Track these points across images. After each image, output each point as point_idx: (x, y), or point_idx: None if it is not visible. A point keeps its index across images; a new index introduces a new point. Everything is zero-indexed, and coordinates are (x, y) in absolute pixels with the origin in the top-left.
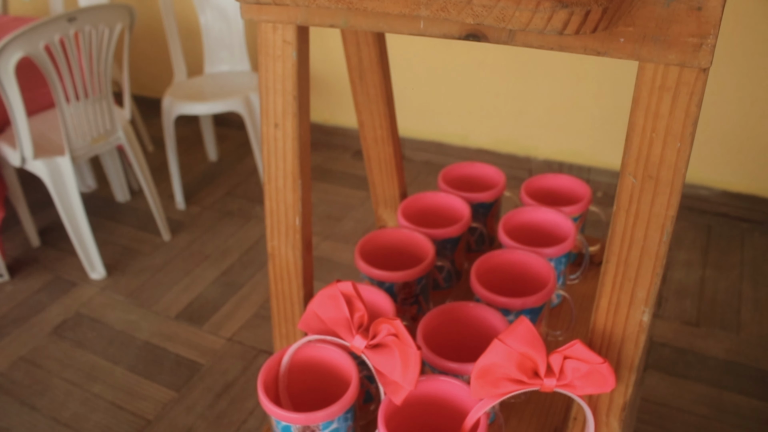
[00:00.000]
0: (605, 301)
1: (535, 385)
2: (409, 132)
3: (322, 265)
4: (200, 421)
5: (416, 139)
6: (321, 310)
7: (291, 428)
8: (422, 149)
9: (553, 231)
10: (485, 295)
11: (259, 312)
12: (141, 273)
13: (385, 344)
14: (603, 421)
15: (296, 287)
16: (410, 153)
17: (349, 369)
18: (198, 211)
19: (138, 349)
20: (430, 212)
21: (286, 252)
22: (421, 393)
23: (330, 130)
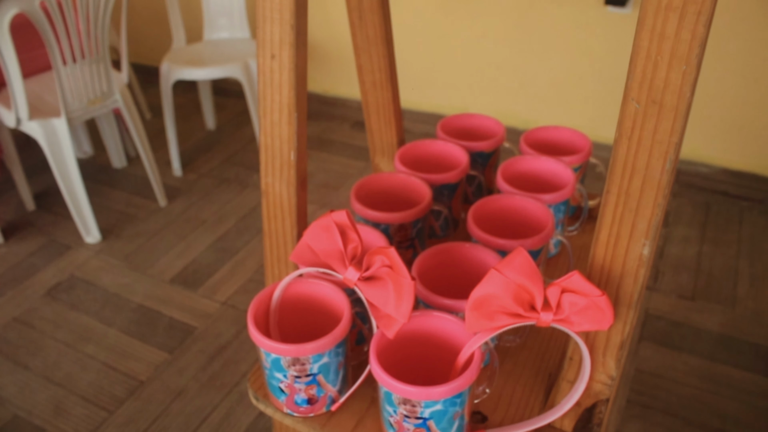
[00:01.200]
0: (605, 234)
1: (531, 319)
2: (408, 103)
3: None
4: (193, 383)
5: (415, 111)
6: (314, 241)
7: (281, 361)
8: (421, 121)
9: (553, 180)
10: (482, 237)
11: (253, 277)
12: (136, 237)
13: (379, 276)
14: (599, 360)
15: (289, 225)
16: (409, 125)
17: (342, 303)
18: (195, 178)
19: (132, 311)
20: (427, 159)
21: (280, 189)
22: (414, 328)
23: (329, 101)
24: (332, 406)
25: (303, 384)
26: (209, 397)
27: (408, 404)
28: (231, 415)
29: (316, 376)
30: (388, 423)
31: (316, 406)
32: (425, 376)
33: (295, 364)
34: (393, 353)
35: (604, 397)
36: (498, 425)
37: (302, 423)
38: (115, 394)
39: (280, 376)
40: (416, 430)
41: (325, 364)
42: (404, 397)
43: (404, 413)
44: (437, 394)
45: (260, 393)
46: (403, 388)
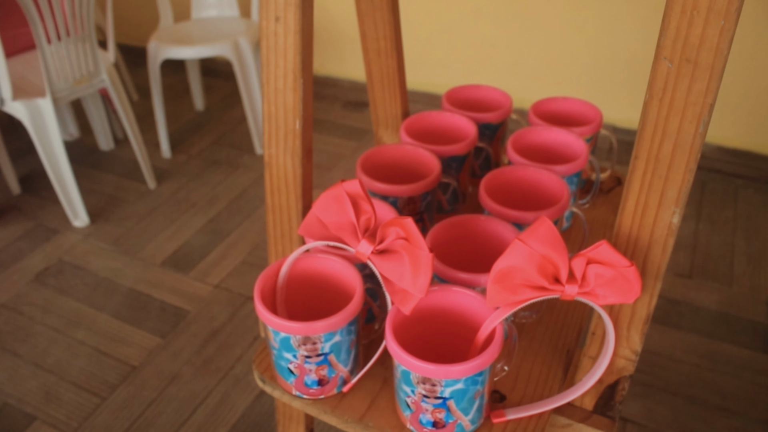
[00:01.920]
0: (632, 203)
1: (555, 292)
2: None
3: None
4: (186, 367)
5: (409, 90)
6: (324, 213)
7: (290, 340)
8: (414, 100)
9: (565, 151)
10: (496, 209)
11: (246, 259)
12: (125, 221)
13: (394, 249)
14: (623, 335)
15: (294, 199)
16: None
17: (353, 279)
18: (184, 160)
19: (122, 296)
20: (434, 131)
21: (284, 160)
22: (431, 304)
23: (321, 81)
24: (344, 387)
25: (314, 364)
26: (204, 382)
27: (427, 384)
28: (227, 399)
29: (327, 356)
30: (404, 404)
31: (327, 387)
32: (442, 353)
33: (306, 344)
34: (408, 330)
35: (628, 373)
36: (517, 404)
37: (312, 405)
38: (108, 380)
39: (290, 356)
40: (436, 410)
41: (337, 343)
42: (424, 376)
43: (423, 393)
44: (459, 372)
45: (267, 375)
46: (424, 366)
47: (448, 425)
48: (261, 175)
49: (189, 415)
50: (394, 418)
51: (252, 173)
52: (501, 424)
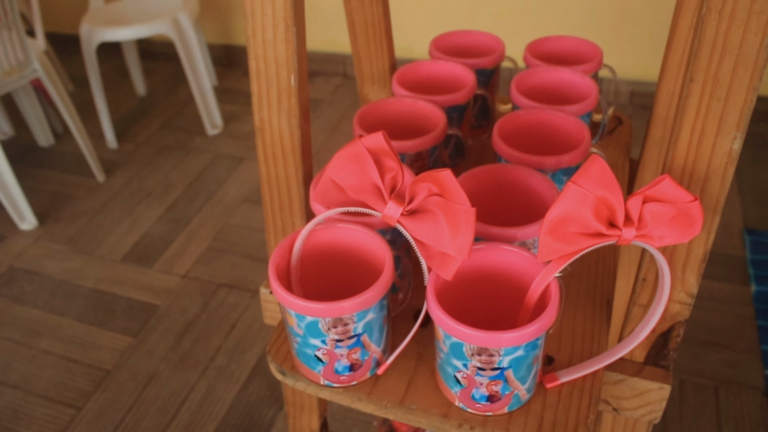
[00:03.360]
0: (687, 131)
1: (611, 238)
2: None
3: None
4: (164, 365)
5: None
6: (340, 175)
7: (318, 324)
8: None
9: (571, 91)
10: (514, 156)
11: (212, 245)
12: (77, 218)
13: (426, 208)
14: (678, 277)
15: (293, 166)
16: (352, 71)
17: (379, 247)
18: (132, 148)
19: (85, 297)
20: (428, 82)
21: (279, 123)
22: (472, 265)
23: None
24: (378, 369)
25: (345, 348)
26: (184, 378)
27: (484, 354)
28: (211, 394)
29: (360, 337)
30: (453, 380)
31: (359, 371)
32: (486, 319)
33: (337, 326)
34: (446, 297)
35: (683, 318)
36: (566, 365)
37: (343, 394)
38: (81, 388)
39: (317, 342)
40: (492, 383)
41: (370, 322)
42: (481, 346)
43: (478, 366)
44: (520, 338)
45: (286, 366)
46: (482, 336)
47: (504, 397)
48: (216, 157)
49: (173, 415)
50: (438, 396)
51: (206, 155)
52: (555, 389)
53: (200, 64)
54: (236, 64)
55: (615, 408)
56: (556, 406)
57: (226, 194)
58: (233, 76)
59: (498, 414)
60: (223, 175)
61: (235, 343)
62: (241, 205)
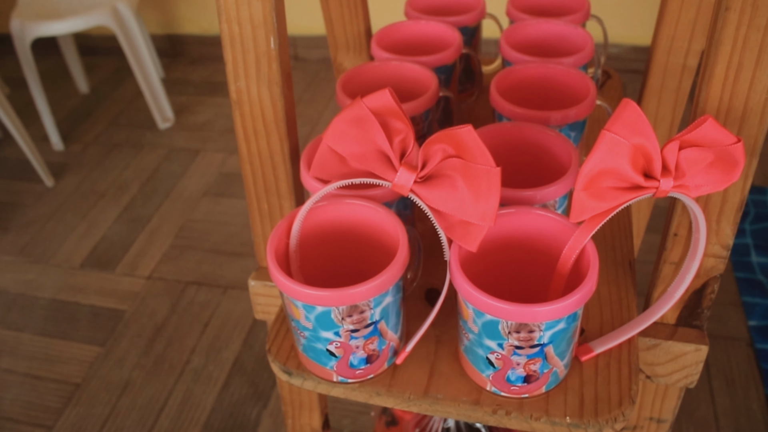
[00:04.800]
0: (722, 66)
1: (648, 191)
2: (299, 29)
3: (234, 181)
4: (137, 372)
5: (308, 36)
6: (341, 143)
7: (331, 314)
8: (317, 46)
9: (563, 43)
10: (517, 113)
11: (175, 242)
12: (28, 227)
13: (442, 173)
14: (712, 229)
15: (278, 141)
16: (303, 52)
17: (388, 222)
18: (80, 149)
19: (44, 309)
20: (410, 43)
21: (258, 93)
22: (497, 233)
23: (211, 41)
24: (396, 358)
25: (361, 339)
26: (160, 384)
27: (523, 331)
28: (190, 398)
29: (377, 325)
30: (484, 362)
31: (377, 363)
32: (514, 293)
33: (352, 314)
34: (469, 270)
35: (717, 273)
36: (598, 335)
37: (360, 389)
38: (50, 406)
39: (330, 334)
40: (530, 362)
41: (387, 307)
42: (521, 322)
43: (516, 344)
44: (563, 309)
45: (291, 365)
46: (523, 310)
47: (542, 376)
48: (170, 151)
49: (153, 424)
50: (465, 382)
51: (160, 150)
52: (590, 361)
53: (146, 56)
54: (182, 54)
55: (648, 375)
56: (595, 380)
57: (185, 189)
58: (179, 66)
59: (535, 395)
60: (180, 169)
61: (210, 343)
62: (201, 199)
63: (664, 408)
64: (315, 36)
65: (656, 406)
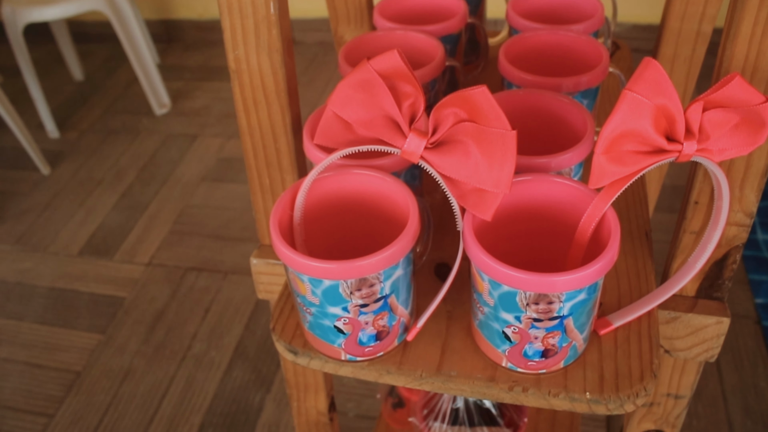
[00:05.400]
0: (747, 24)
1: (670, 155)
2: (296, 12)
3: (233, 166)
4: (138, 359)
5: (305, 19)
6: (347, 109)
7: (340, 288)
8: (314, 29)
9: (572, 10)
10: (528, 80)
11: (174, 228)
12: (24, 215)
13: (454, 138)
14: (735, 196)
15: (279, 112)
16: (301, 35)
17: (396, 191)
18: (76, 137)
19: (43, 298)
20: (413, 13)
21: (258, 61)
22: (512, 202)
23: (207, 26)
24: (406, 334)
25: (371, 314)
26: (162, 370)
27: (542, 302)
28: (192, 384)
29: (387, 299)
30: (500, 336)
31: (387, 340)
32: (530, 264)
33: (361, 288)
34: (482, 240)
35: (740, 242)
36: (616, 308)
37: (369, 368)
38: (51, 394)
39: (338, 310)
40: (548, 335)
41: (397, 280)
42: (541, 292)
43: (534, 317)
44: (585, 278)
45: (297, 343)
46: (543, 280)
47: (560, 351)
48: (168, 137)
49: (155, 410)
50: (479, 358)
51: (156, 136)
52: (609, 335)
53: (140, 41)
54: (177, 39)
55: (667, 350)
56: (615, 355)
57: (183, 174)
58: (175, 52)
59: (553, 370)
60: (177, 155)
61: (212, 328)
62: (200, 184)
63: (683, 383)
64: (313, 19)
65: (674, 381)
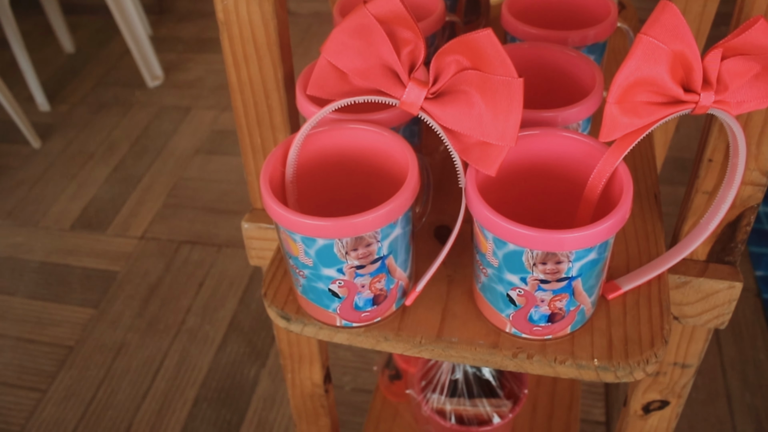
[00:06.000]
0: None
1: (687, 106)
2: None
3: (227, 138)
4: (132, 334)
5: None
6: (342, 58)
7: (334, 247)
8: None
9: None
10: (532, 33)
11: (167, 201)
12: (15, 189)
13: (456, 88)
14: (752, 154)
15: (270, 66)
16: (295, 6)
17: (394, 145)
18: (67, 109)
19: (34, 272)
20: None
21: (248, 11)
22: (517, 157)
23: None
24: (405, 299)
25: (367, 276)
26: (155, 345)
27: (550, 262)
28: (186, 358)
29: (385, 260)
30: (504, 300)
31: (384, 305)
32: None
33: (357, 248)
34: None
35: (755, 203)
36: (625, 272)
37: (366, 334)
38: (43, 369)
39: (332, 272)
40: (555, 298)
41: (396, 240)
42: (549, 251)
43: (541, 278)
44: (596, 235)
45: (289, 309)
46: (551, 237)
47: (567, 315)
48: (161, 110)
49: (149, 386)
50: (482, 324)
51: (149, 108)
52: (618, 300)
53: (132, 13)
54: (170, 10)
55: (676, 316)
56: (624, 320)
57: (177, 147)
58: (168, 23)
59: (559, 336)
60: (171, 127)
61: (206, 302)
62: (194, 157)
63: (690, 352)
64: None
65: (681, 349)
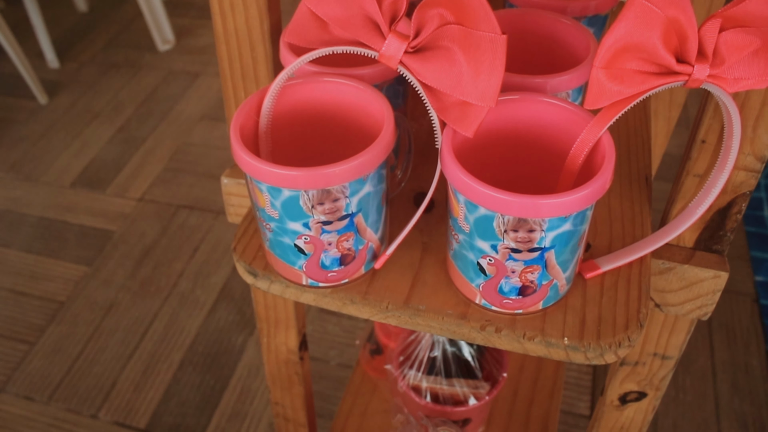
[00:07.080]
0: None
1: (679, 78)
2: None
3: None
4: (123, 293)
5: None
6: (323, 5)
7: (300, 199)
8: None
9: None
10: (531, 1)
11: (168, 165)
12: (18, 143)
13: (438, 43)
14: (747, 137)
15: (257, 17)
16: None
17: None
18: (76, 68)
19: (31, 226)
20: None
21: None
22: (498, 122)
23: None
24: (375, 262)
25: (334, 233)
26: (146, 306)
27: (521, 230)
28: (175, 321)
29: (353, 218)
30: (475, 269)
31: (352, 266)
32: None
33: (324, 201)
34: (464, 163)
35: (747, 190)
36: (606, 252)
37: (332, 296)
38: (33, 322)
39: (298, 226)
40: (527, 270)
41: (365, 197)
42: (521, 217)
43: (512, 246)
44: (572, 204)
45: (257, 265)
46: (523, 202)
47: (540, 289)
48: (168, 74)
49: (136, 345)
50: (452, 293)
51: (158, 72)
52: (596, 280)
53: None
54: None
55: (658, 303)
56: (600, 300)
57: (182, 112)
58: None
59: (530, 311)
60: (178, 92)
61: (199, 267)
62: (199, 123)
63: (671, 343)
64: None
65: (662, 340)
